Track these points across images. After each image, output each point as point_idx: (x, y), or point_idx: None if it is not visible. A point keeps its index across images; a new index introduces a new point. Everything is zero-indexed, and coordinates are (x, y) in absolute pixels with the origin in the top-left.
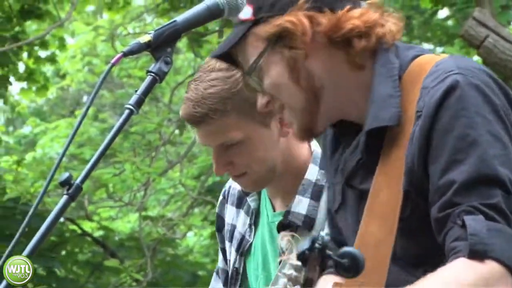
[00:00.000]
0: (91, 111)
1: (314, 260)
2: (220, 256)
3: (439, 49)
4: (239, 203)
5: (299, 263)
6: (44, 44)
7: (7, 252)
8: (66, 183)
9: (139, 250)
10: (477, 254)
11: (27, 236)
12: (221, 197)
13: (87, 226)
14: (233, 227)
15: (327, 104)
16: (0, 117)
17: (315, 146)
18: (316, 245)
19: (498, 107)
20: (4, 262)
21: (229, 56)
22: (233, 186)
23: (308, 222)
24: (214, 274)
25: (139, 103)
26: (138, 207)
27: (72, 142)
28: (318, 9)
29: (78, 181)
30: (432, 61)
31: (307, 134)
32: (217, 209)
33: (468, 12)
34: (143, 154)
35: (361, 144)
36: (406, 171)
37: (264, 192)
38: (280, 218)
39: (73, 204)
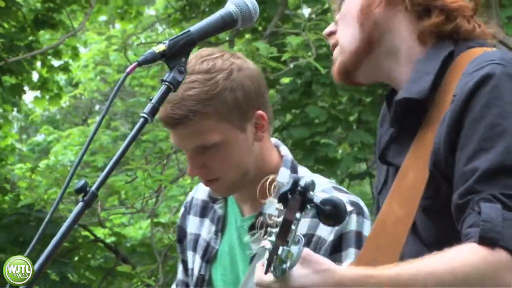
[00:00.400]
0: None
1: (295, 202)
2: (180, 268)
3: None
4: (203, 212)
5: (281, 207)
6: (57, 54)
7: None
8: (82, 190)
9: (150, 256)
10: (487, 241)
11: (42, 242)
12: (182, 209)
13: (100, 232)
14: (197, 236)
15: (376, 59)
16: (14, 125)
17: (285, 151)
18: (299, 187)
19: None
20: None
21: None
22: (195, 197)
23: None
24: (174, 285)
25: (153, 112)
26: (150, 213)
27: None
28: None
29: (93, 188)
30: (481, 51)
31: (343, 75)
32: (178, 221)
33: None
34: (155, 162)
35: (391, 114)
36: (432, 152)
37: (231, 198)
38: (250, 222)
39: (85, 211)
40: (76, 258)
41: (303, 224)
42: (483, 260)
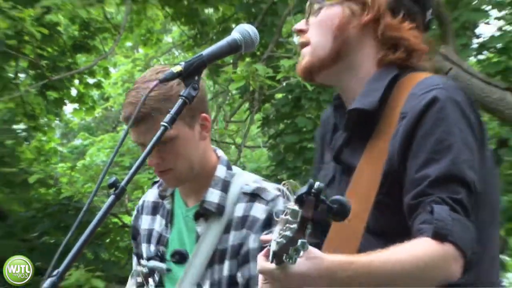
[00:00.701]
0: None
1: (310, 203)
2: (135, 260)
3: None
4: (154, 211)
5: (296, 207)
6: (92, 73)
7: (65, 241)
8: (113, 185)
9: None
10: (439, 236)
11: (80, 228)
12: (135, 212)
13: (127, 219)
14: (151, 230)
15: (338, 69)
16: (56, 132)
17: (221, 153)
18: (313, 190)
19: (471, 122)
20: (63, 249)
21: None
22: (146, 200)
23: (220, 209)
24: (130, 277)
25: (172, 121)
26: None
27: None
28: (393, 10)
29: (122, 183)
30: (423, 76)
31: (307, 73)
32: (132, 222)
33: (437, 49)
34: None
35: (346, 121)
36: (387, 159)
37: (177, 194)
38: (194, 211)
39: (116, 202)
40: (107, 240)
41: (239, 207)
42: (436, 251)
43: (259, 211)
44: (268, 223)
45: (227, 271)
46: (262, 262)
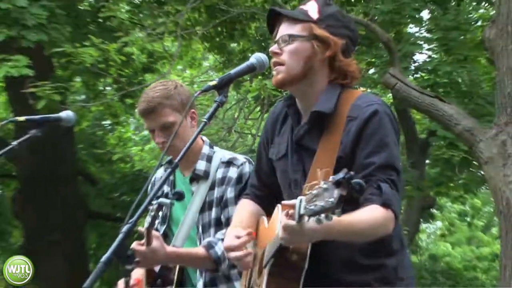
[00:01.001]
0: None
1: (344, 184)
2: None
3: (369, 90)
4: (162, 183)
5: (325, 185)
6: None
7: (137, 200)
8: (170, 161)
9: None
10: (386, 205)
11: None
12: (150, 184)
13: None
14: (162, 192)
15: (303, 84)
16: (131, 126)
17: (205, 138)
18: (347, 175)
19: (395, 128)
20: (135, 205)
21: (277, 18)
22: (157, 177)
23: (206, 174)
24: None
25: (209, 118)
26: None
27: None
28: (344, 51)
29: (176, 160)
30: (359, 92)
31: (280, 85)
32: (149, 189)
33: (386, 69)
34: None
35: (309, 118)
36: (341, 148)
37: (177, 170)
38: (189, 177)
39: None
40: None
41: (219, 172)
42: (384, 214)
43: (232, 172)
44: (239, 180)
45: (214, 214)
46: (286, 220)
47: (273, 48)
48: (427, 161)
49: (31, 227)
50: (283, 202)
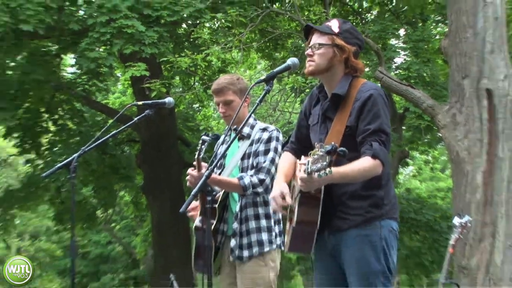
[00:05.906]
0: None
1: (332, 152)
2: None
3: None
4: (222, 143)
5: (321, 153)
6: None
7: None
8: (236, 129)
9: None
10: (374, 156)
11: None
12: (218, 142)
13: None
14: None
15: (327, 74)
16: (211, 107)
17: (253, 115)
18: (333, 147)
19: (387, 105)
20: (216, 163)
21: (310, 30)
22: (219, 141)
23: (248, 136)
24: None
25: (260, 101)
26: None
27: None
28: (355, 54)
29: (239, 129)
30: (363, 80)
31: (312, 74)
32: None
33: (376, 68)
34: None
35: (330, 98)
36: (349, 119)
37: (232, 132)
38: (238, 137)
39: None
40: None
41: (257, 135)
42: (373, 163)
43: (265, 135)
44: (268, 140)
45: (251, 161)
46: (301, 174)
47: (308, 51)
48: (403, 128)
49: (147, 174)
50: (298, 161)
